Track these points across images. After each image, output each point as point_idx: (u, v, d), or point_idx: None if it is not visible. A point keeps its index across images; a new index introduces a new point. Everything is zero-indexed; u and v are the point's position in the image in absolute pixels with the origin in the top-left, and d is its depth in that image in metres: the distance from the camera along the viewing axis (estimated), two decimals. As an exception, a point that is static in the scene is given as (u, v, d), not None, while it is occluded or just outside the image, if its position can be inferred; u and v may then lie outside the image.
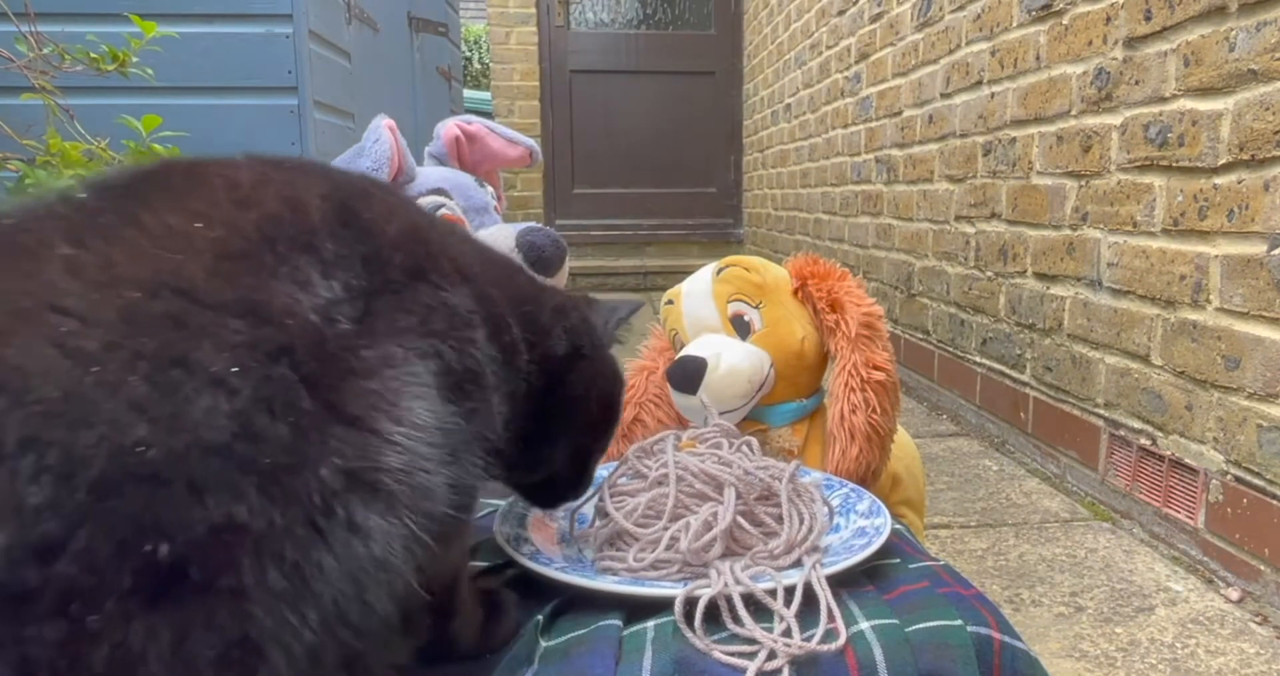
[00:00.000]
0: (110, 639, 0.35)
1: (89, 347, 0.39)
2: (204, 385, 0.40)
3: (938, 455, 2.10)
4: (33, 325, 0.39)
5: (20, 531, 0.34)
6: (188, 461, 0.38)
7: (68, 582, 0.35)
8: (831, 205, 3.72)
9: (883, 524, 0.76)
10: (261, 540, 0.39)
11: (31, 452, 0.35)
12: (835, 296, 1.02)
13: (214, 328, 0.43)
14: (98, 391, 0.38)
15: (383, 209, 0.58)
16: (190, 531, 0.37)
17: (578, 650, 0.61)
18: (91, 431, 0.37)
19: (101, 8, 1.80)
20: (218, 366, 0.41)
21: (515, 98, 5.66)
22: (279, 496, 0.41)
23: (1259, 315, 1.34)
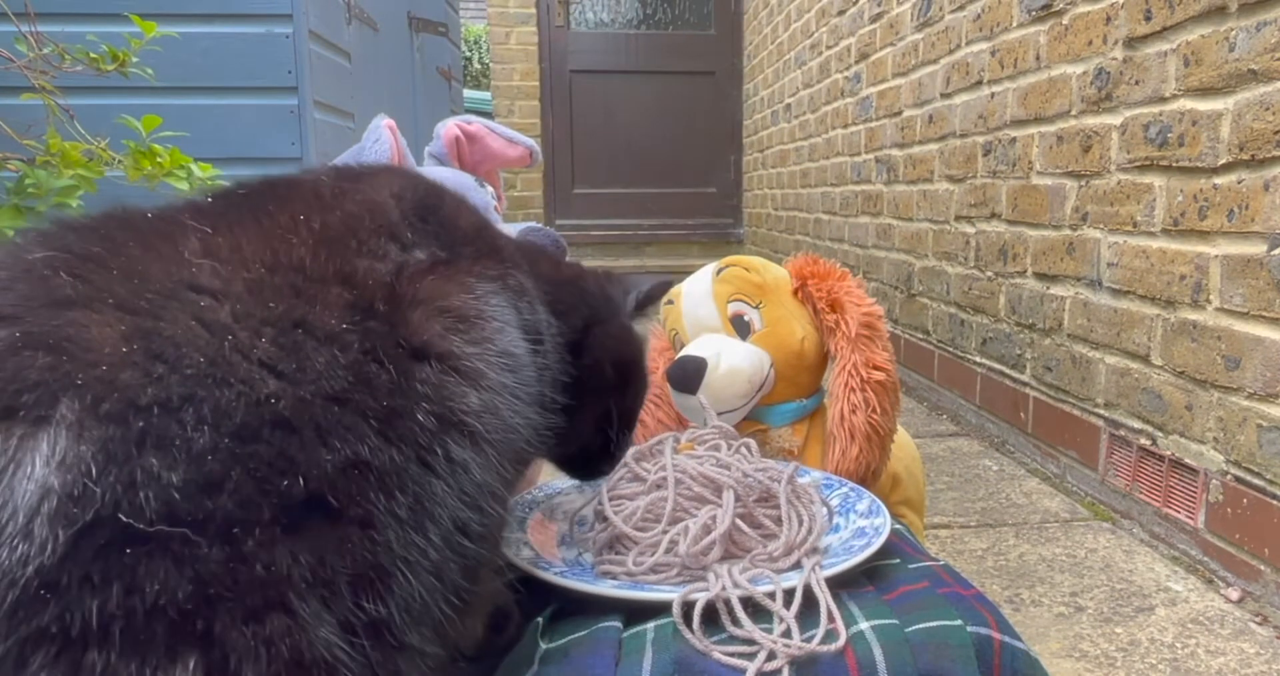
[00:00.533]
0: (261, 560, 0.41)
1: (223, 319, 0.46)
2: (322, 341, 0.48)
3: (938, 455, 2.10)
4: (177, 302, 0.46)
5: (193, 469, 0.41)
6: (313, 409, 0.45)
7: (228, 513, 0.41)
8: (831, 205, 3.72)
9: (882, 524, 0.76)
10: (385, 475, 0.47)
11: (190, 407, 0.42)
12: (835, 296, 1.02)
13: (323, 293, 0.51)
14: (234, 355, 0.45)
15: (454, 206, 0.67)
16: (320, 469, 0.44)
17: (578, 651, 0.61)
18: (230, 389, 0.44)
19: (101, 8, 1.80)
20: (331, 323, 0.49)
21: (515, 98, 5.65)
22: (394, 437, 0.48)
23: (1259, 315, 1.34)
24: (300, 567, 0.42)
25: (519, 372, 0.57)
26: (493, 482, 0.53)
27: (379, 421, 0.47)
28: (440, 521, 0.49)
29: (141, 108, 1.50)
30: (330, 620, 0.43)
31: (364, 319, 0.51)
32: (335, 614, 0.43)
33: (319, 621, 0.43)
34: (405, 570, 0.46)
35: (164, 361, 0.43)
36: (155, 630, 0.39)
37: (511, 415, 0.56)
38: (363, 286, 0.53)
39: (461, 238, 0.64)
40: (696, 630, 0.60)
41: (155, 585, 0.39)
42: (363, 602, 0.44)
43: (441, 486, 0.49)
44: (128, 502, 0.39)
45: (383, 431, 0.47)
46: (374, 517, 0.46)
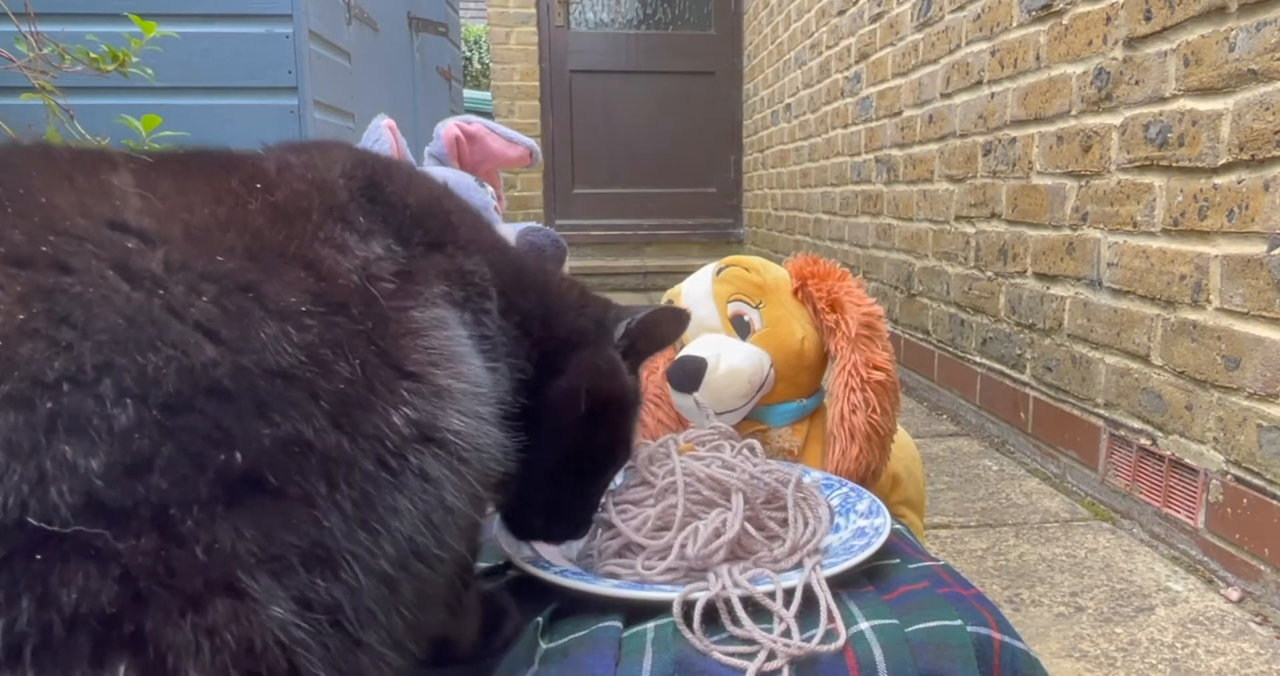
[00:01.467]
0: (201, 541, 0.37)
1: (153, 267, 0.40)
2: (273, 314, 0.43)
3: (938, 455, 2.10)
4: (92, 245, 0.40)
5: (116, 451, 0.36)
6: (253, 379, 0.41)
7: (161, 494, 0.37)
8: (831, 205, 3.72)
9: (882, 524, 0.76)
10: (329, 460, 0.42)
11: (108, 377, 0.37)
12: (835, 296, 1.02)
13: (281, 268, 0.45)
14: (163, 314, 0.39)
15: (402, 183, 0.61)
16: (258, 443, 0.40)
17: (578, 651, 0.61)
18: (159, 354, 0.39)
19: (101, 8, 1.80)
20: (289, 300, 0.44)
21: (515, 98, 5.65)
22: (348, 426, 0.43)
23: (1259, 315, 1.34)
24: (246, 543, 0.38)
25: (485, 401, 0.53)
26: (464, 507, 0.49)
27: (331, 405, 0.43)
28: (396, 534, 0.45)
29: (141, 107, 1.50)
30: (284, 596, 0.39)
31: (331, 312, 0.46)
32: (289, 589, 0.39)
33: (271, 598, 0.39)
34: (353, 564, 0.42)
35: (72, 325, 0.37)
36: (77, 641, 0.34)
37: (484, 437, 0.52)
38: (329, 280, 0.48)
39: (411, 219, 0.58)
40: (696, 630, 0.60)
41: (73, 592, 0.34)
42: (316, 579, 0.40)
43: (404, 501, 0.45)
44: (37, 502, 0.35)
45: (333, 417, 0.43)
46: (315, 500, 0.41)
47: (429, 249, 0.58)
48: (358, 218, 0.54)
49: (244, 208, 0.47)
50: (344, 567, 0.42)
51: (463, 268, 0.59)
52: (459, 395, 0.50)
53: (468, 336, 0.55)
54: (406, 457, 0.46)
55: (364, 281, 0.50)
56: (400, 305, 0.51)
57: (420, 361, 0.49)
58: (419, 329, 0.51)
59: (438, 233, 0.60)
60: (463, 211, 0.66)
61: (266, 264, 0.45)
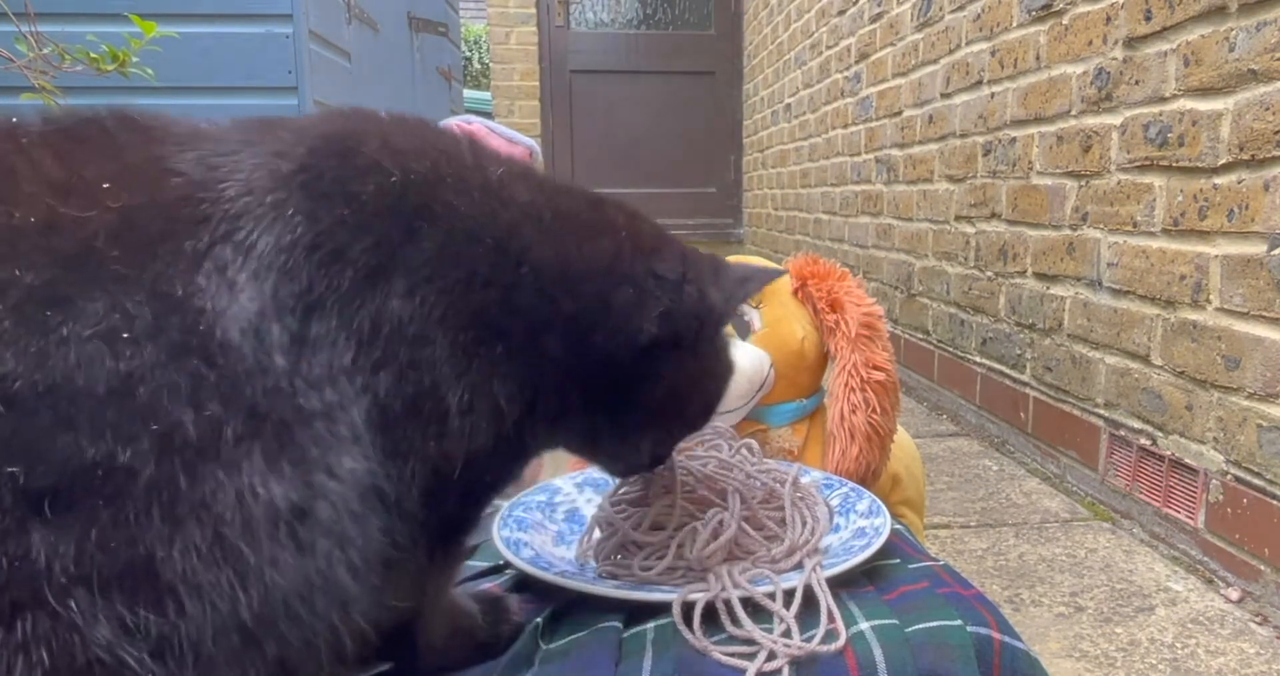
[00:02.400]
0: (7, 552, 0.35)
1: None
2: (85, 334, 0.39)
3: (938, 455, 2.10)
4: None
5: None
6: (56, 397, 0.38)
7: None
8: (831, 205, 3.72)
9: (882, 524, 0.76)
10: (158, 490, 0.39)
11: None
12: (835, 296, 1.02)
13: (112, 288, 0.40)
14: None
15: (363, 164, 0.50)
16: (59, 460, 0.37)
17: (578, 651, 0.61)
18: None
19: (101, 8, 1.80)
20: (103, 326, 0.39)
21: (515, 98, 5.65)
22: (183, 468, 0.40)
23: (1259, 315, 1.34)
24: (61, 558, 0.36)
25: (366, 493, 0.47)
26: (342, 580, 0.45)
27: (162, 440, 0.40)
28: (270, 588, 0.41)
29: (142, 108, 1.50)
30: (110, 616, 0.37)
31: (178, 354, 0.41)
32: (114, 609, 0.37)
33: (94, 619, 0.36)
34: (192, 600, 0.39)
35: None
36: None
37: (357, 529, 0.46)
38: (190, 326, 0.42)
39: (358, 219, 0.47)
40: (696, 630, 0.60)
41: None
42: (138, 606, 0.38)
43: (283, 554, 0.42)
44: None
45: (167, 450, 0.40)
46: (138, 526, 0.38)
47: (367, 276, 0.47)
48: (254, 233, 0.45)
49: (87, 210, 0.41)
50: (184, 600, 0.39)
51: (396, 315, 0.48)
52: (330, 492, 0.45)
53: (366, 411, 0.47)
54: (277, 524, 0.42)
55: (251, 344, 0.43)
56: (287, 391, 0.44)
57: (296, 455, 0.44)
58: (303, 420, 0.44)
59: (392, 245, 0.48)
60: (464, 190, 0.52)
61: (95, 279, 0.40)
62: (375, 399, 0.47)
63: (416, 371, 0.48)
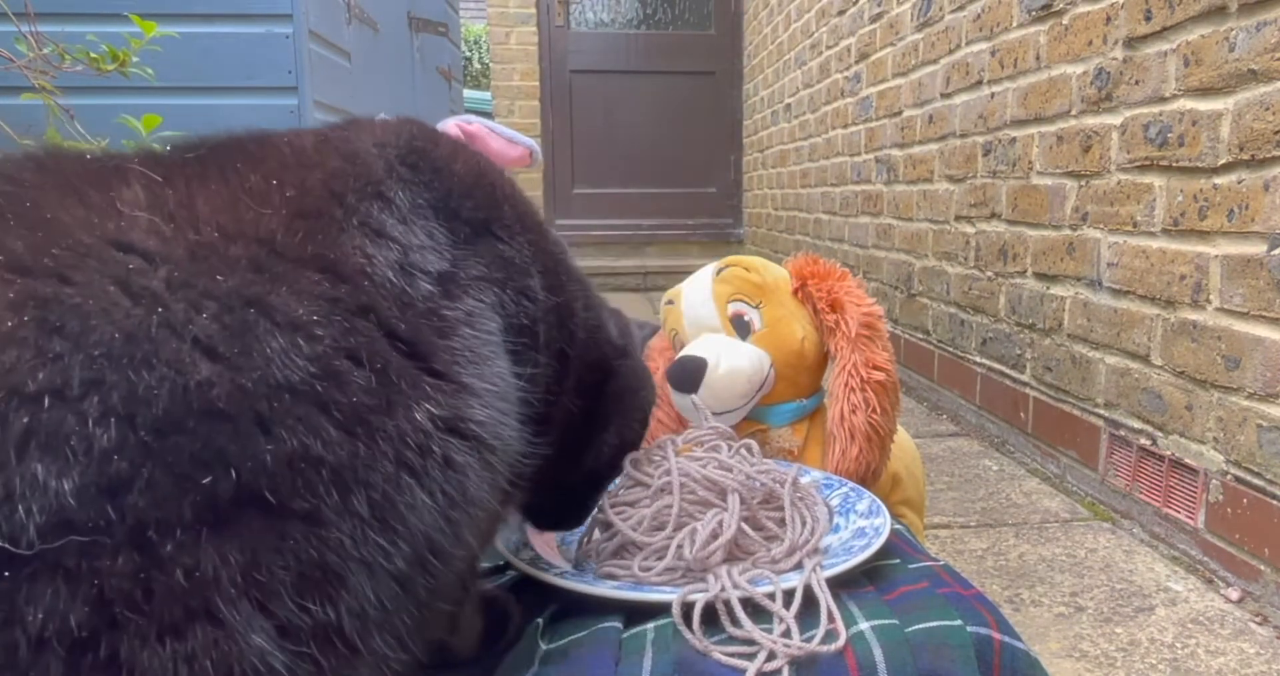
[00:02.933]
0: (183, 565, 0.36)
1: (153, 286, 0.39)
2: (280, 326, 0.41)
3: (938, 455, 2.10)
4: (95, 262, 0.39)
5: (92, 473, 0.35)
6: (254, 397, 0.39)
7: (138, 515, 0.35)
8: (831, 205, 3.72)
9: (882, 524, 0.76)
10: (341, 470, 0.41)
11: (95, 394, 0.35)
12: (835, 296, 1.02)
13: (293, 276, 0.44)
14: (161, 332, 0.38)
15: (449, 148, 0.60)
16: (256, 461, 0.38)
17: (578, 651, 0.61)
18: (153, 372, 0.37)
19: (101, 8, 1.80)
20: (298, 312, 0.42)
21: (515, 98, 5.65)
22: (363, 434, 0.42)
23: (1259, 315, 1.34)
24: (230, 569, 0.37)
25: (510, 401, 0.53)
26: (487, 499, 0.49)
27: (344, 417, 0.42)
28: (414, 531, 0.44)
29: (141, 107, 1.49)
30: (266, 625, 0.38)
31: (348, 317, 0.44)
32: (272, 618, 0.38)
33: (250, 628, 0.37)
34: (361, 573, 0.41)
35: (65, 337, 0.36)
36: (45, 663, 0.33)
37: (509, 434, 0.52)
38: (355, 284, 0.46)
39: (459, 189, 0.57)
40: (696, 630, 0.60)
41: (40, 612, 0.33)
42: (308, 605, 0.39)
43: (423, 495, 0.44)
44: (3, 520, 0.33)
45: (347, 428, 0.42)
46: (322, 513, 0.40)
47: (476, 229, 0.56)
48: (396, 194, 0.52)
49: (258, 212, 0.46)
50: (349, 579, 0.41)
51: (505, 252, 0.58)
52: (482, 392, 0.50)
53: (500, 328, 0.55)
54: (430, 449, 0.45)
55: (399, 279, 0.48)
56: (434, 306, 0.50)
57: (447, 361, 0.48)
58: (448, 327, 0.50)
59: (487, 207, 0.58)
60: (508, 184, 0.64)
61: (277, 273, 0.43)
62: (505, 318, 0.55)
63: (523, 299, 0.58)
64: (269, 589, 0.38)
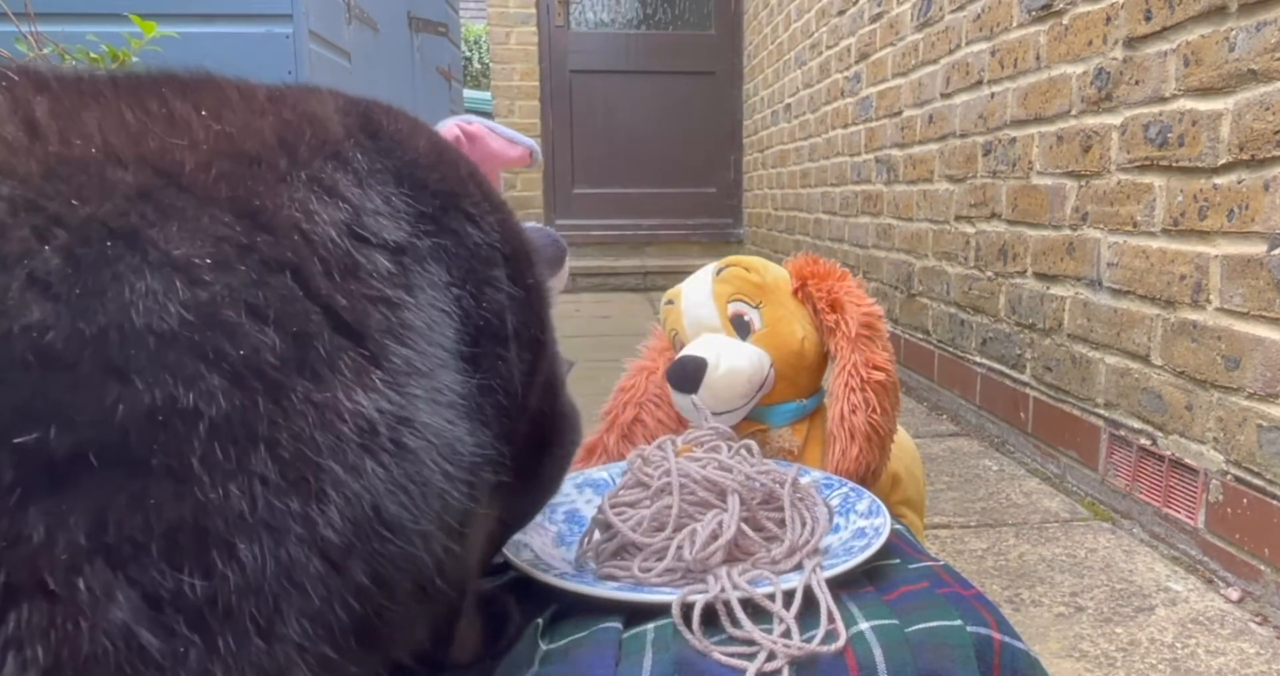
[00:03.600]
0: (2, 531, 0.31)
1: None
2: (151, 265, 0.36)
3: (938, 455, 2.10)
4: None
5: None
6: (100, 343, 0.34)
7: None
8: (831, 205, 3.72)
9: (882, 524, 0.76)
10: (228, 426, 0.36)
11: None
12: (835, 296, 1.02)
13: (192, 214, 0.38)
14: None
15: (409, 124, 0.55)
16: (103, 413, 0.33)
17: (578, 652, 0.61)
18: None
19: (102, 8, 1.80)
20: (181, 251, 0.37)
21: (515, 98, 5.65)
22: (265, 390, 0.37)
23: (1259, 315, 1.34)
24: (68, 533, 0.32)
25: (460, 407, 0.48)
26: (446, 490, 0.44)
27: (232, 367, 0.36)
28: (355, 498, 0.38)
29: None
30: (130, 594, 0.32)
31: (261, 270, 0.39)
32: (135, 586, 0.33)
33: (106, 599, 0.32)
34: (267, 540, 0.36)
35: None
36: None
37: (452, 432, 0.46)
38: (281, 235, 0.40)
39: (425, 160, 0.52)
40: (696, 631, 0.60)
41: None
42: (181, 573, 0.33)
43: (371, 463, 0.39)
44: None
45: (237, 379, 0.36)
46: (192, 472, 0.34)
47: (444, 202, 0.51)
48: (355, 155, 0.47)
49: (167, 141, 0.40)
50: (239, 548, 0.35)
51: (471, 236, 0.53)
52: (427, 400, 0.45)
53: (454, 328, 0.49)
54: (376, 431, 0.40)
55: (345, 241, 0.42)
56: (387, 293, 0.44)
57: (400, 370, 0.43)
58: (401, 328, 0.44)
59: (453, 181, 0.53)
60: (468, 163, 0.59)
61: (169, 206, 0.37)
62: (465, 315, 0.50)
63: (489, 290, 0.52)
64: (124, 554, 0.33)
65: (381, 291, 0.44)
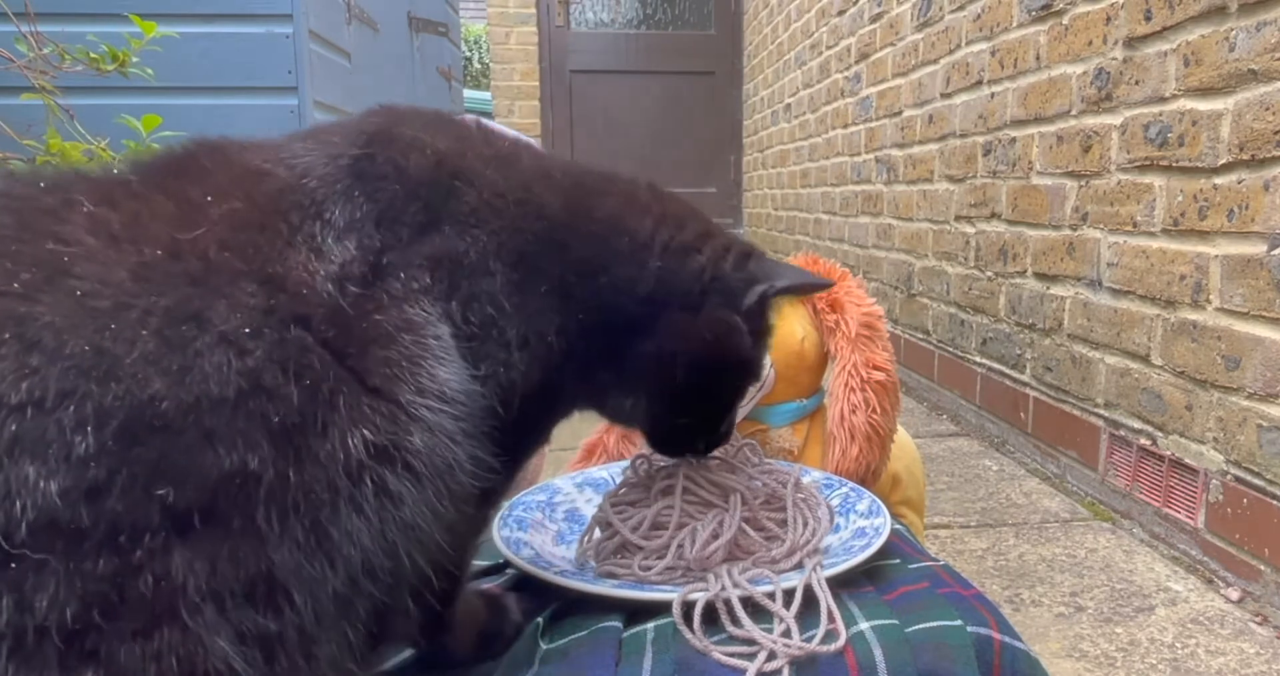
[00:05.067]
0: (153, 571, 0.39)
1: (103, 307, 0.42)
2: (218, 342, 0.43)
3: (938, 455, 2.10)
4: (56, 286, 0.42)
5: (73, 477, 0.38)
6: (199, 412, 0.42)
7: (113, 520, 0.38)
8: (831, 205, 3.72)
9: (882, 524, 0.76)
10: (276, 491, 0.43)
11: (70, 404, 0.39)
12: (835, 296, 1.02)
13: (229, 290, 0.45)
14: (119, 347, 0.41)
15: (404, 145, 0.57)
16: (203, 476, 0.41)
17: (578, 651, 0.61)
18: (119, 384, 0.40)
19: (101, 8, 1.80)
20: (229, 325, 0.44)
21: (515, 98, 5.65)
22: (293, 454, 0.44)
23: (1259, 315, 1.34)
24: (195, 577, 0.40)
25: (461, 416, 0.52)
26: (424, 525, 0.49)
27: (277, 432, 0.43)
28: (349, 558, 0.46)
29: (141, 108, 1.49)
30: (226, 629, 0.41)
31: (282, 328, 0.46)
32: (232, 622, 0.41)
33: (215, 632, 0.40)
34: (302, 591, 0.44)
35: (41, 351, 0.39)
36: (44, 651, 0.37)
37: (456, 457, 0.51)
38: (294, 294, 0.47)
39: (405, 193, 0.55)
40: (696, 630, 0.60)
41: (44, 602, 0.37)
42: (257, 615, 0.42)
43: (359, 521, 0.46)
44: (2, 515, 0.37)
45: (279, 446, 0.43)
46: (262, 531, 0.42)
47: (421, 230, 0.55)
48: (334, 214, 0.52)
49: (198, 228, 0.47)
50: (293, 595, 0.43)
51: (454, 251, 0.55)
52: (424, 411, 0.49)
53: (449, 334, 0.53)
54: (363, 479, 0.46)
55: (335, 291, 0.49)
56: (365, 311, 0.50)
57: (385, 375, 0.48)
58: (385, 336, 0.49)
59: (437, 205, 0.56)
60: (480, 164, 0.59)
61: (215, 286, 0.45)
62: (453, 326, 0.54)
63: (480, 301, 0.56)
64: (226, 598, 0.41)
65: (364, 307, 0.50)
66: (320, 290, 0.48)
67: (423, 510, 0.49)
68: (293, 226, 0.51)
